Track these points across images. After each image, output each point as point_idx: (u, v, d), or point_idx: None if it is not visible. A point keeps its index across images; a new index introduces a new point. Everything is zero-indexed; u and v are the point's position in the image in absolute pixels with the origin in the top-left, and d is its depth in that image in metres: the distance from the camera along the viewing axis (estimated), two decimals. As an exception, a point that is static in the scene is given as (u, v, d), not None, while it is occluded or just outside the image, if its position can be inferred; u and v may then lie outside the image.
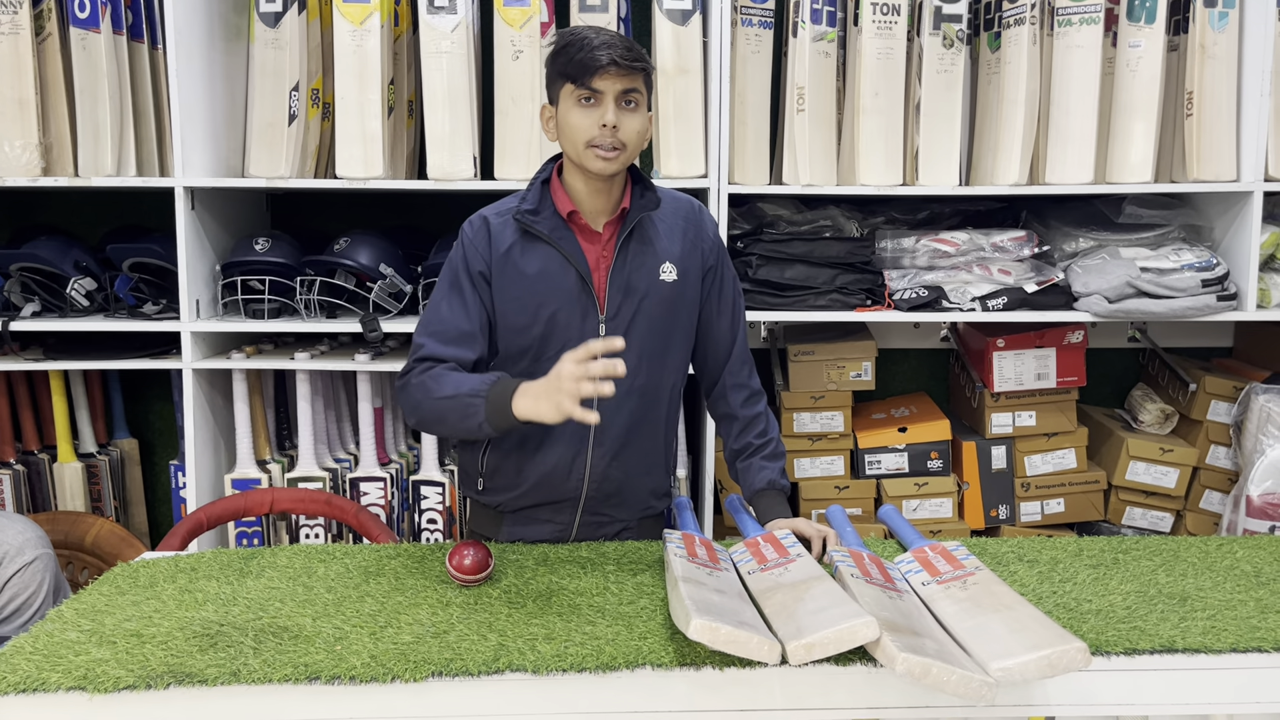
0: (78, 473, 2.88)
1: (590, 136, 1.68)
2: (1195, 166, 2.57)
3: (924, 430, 2.84)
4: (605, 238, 1.78)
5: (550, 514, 1.86)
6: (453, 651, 1.34)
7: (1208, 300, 2.54)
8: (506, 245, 1.76)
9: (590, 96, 1.68)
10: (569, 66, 1.67)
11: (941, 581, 1.50)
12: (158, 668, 1.30)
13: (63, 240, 2.73)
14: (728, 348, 1.91)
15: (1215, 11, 2.54)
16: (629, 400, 1.79)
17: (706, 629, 1.23)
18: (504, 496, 1.86)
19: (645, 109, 1.73)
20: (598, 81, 1.66)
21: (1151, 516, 2.87)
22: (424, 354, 1.74)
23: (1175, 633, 1.40)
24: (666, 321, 1.81)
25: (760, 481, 1.86)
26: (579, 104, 1.69)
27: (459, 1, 2.53)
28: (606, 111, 1.67)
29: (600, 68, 1.65)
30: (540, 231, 1.75)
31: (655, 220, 1.82)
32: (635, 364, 1.77)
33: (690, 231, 1.85)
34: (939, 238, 2.68)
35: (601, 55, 1.64)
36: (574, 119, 1.69)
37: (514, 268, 1.76)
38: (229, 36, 2.71)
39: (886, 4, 2.57)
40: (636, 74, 1.68)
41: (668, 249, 1.81)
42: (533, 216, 1.76)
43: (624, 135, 1.68)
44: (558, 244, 1.75)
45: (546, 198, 1.78)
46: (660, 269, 1.80)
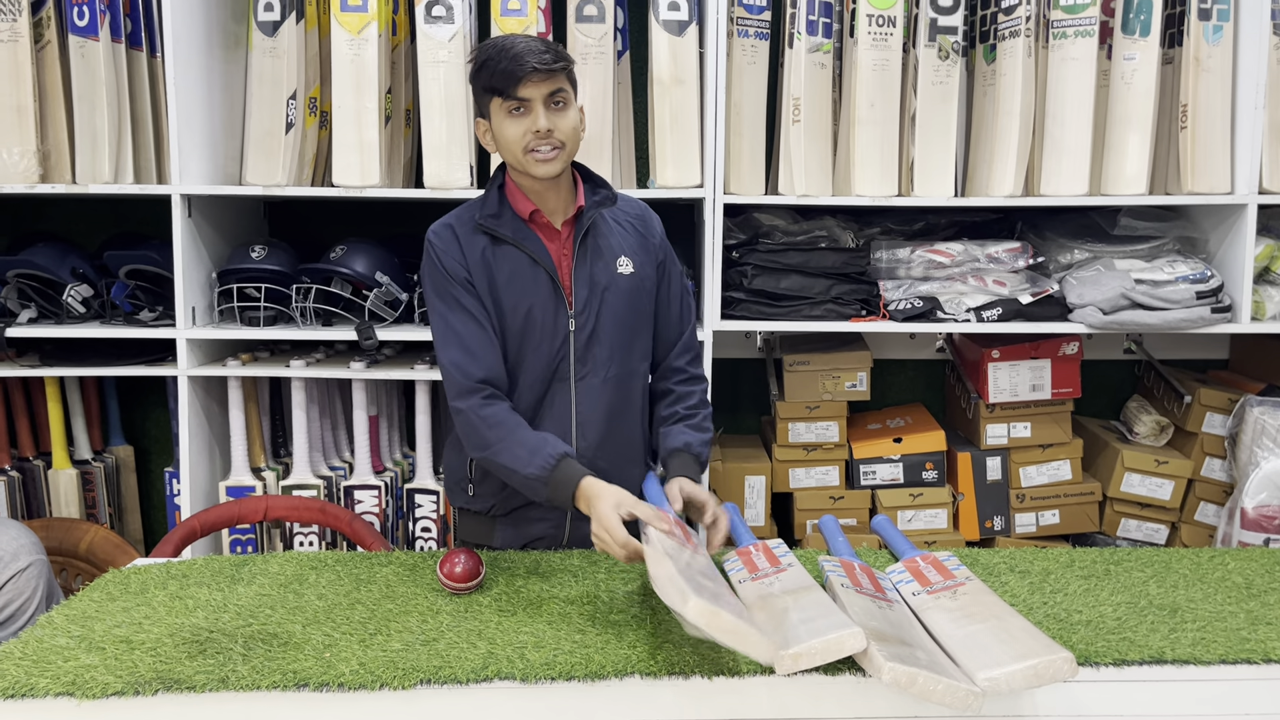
0: (72, 479, 2.88)
1: (526, 143, 1.72)
2: (1190, 179, 2.57)
3: (919, 441, 2.84)
4: (564, 236, 1.83)
5: (543, 512, 1.87)
6: (442, 659, 1.34)
7: (1202, 312, 2.54)
8: (478, 251, 1.80)
9: (519, 106, 1.71)
10: (492, 80, 1.71)
11: (932, 592, 1.50)
12: (146, 674, 1.30)
13: (60, 247, 2.73)
14: (675, 337, 1.96)
15: (1210, 25, 2.55)
16: (605, 391, 1.84)
17: (706, 611, 1.21)
18: (495, 499, 1.88)
19: (574, 103, 1.77)
20: (523, 90, 1.69)
21: (1146, 528, 2.87)
22: (466, 385, 1.74)
23: (1165, 644, 1.40)
24: (629, 311, 1.86)
25: (677, 442, 1.85)
26: (510, 115, 1.73)
27: (456, 11, 2.54)
28: (538, 118, 1.71)
29: (523, 76, 1.68)
30: (505, 235, 1.80)
31: (606, 217, 1.88)
32: (608, 355, 1.84)
33: (640, 227, 1.92)
34: (934, 249, 2.69)
35: (521, 64, 1.68)
36: (508, 131, 1.73)
37: (489, 273, 1.80)
38: (227, 45, 2.72)
39: (882, 16, 2.58)
40: (558, 74, 1.72)
41: (621, 244, 1.87)
42: (495, 221, 1.80)
43: (560, 135, 1.73)
44: (523, 245, 1.80)
45: (505, 202, 1.82)
46: (617, 262, 1.85)
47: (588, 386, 1.83)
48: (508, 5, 2.56)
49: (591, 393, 1.83)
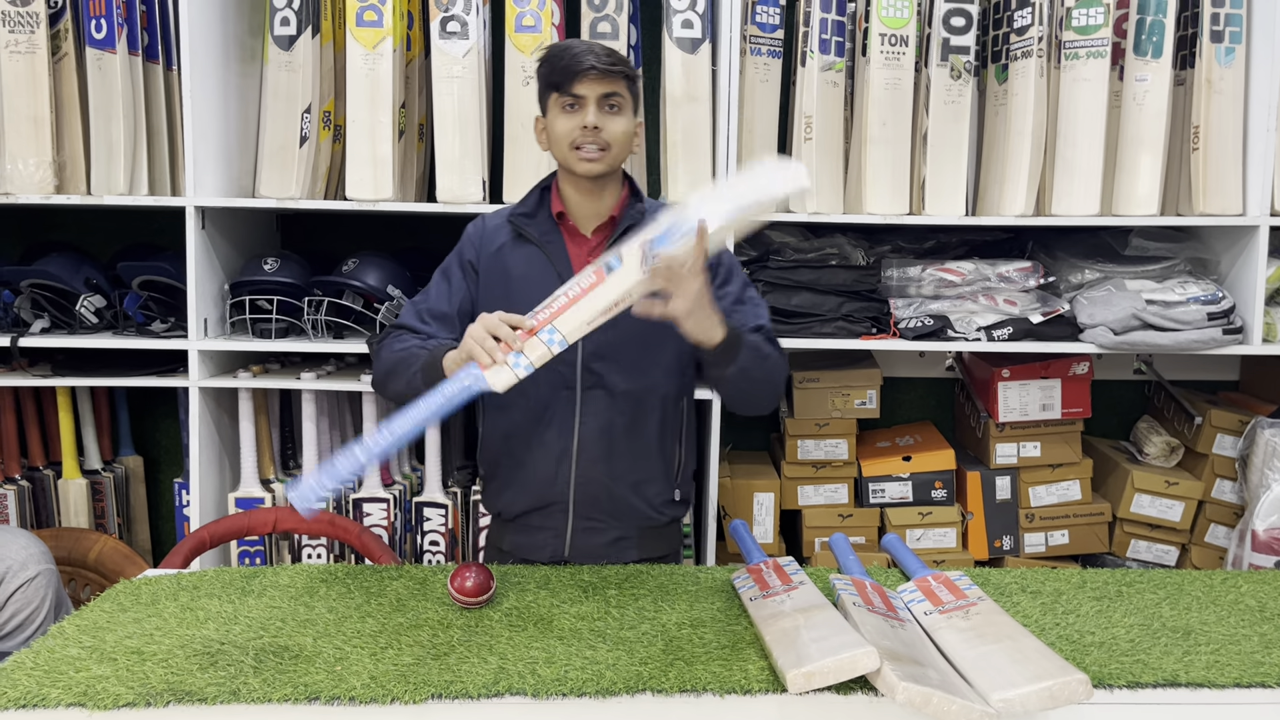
0: (82, 489, 2.88)
1: (574, 139, 1.76)
2: (1201, 200, 2.57)
3: (928, 459, 2.84)
4: (593, 243, 1.84)
5: (542, 519, 1.88)
6: (453, 674, 1.34)
7: (1213, 334, 2.54)
8: (498, 244, 1.85)
9: (573, 102, 1.75)
10: (553, 75, 1.76)
11: (944, 611, 1.49)
12: (158, 685, 1.30)
13: (73, 257, 2.75)
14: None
15: (1222, 47, 2.56)
16: (614, 405, 1.84)
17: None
18: (501, 501, 1.92)
19: (630, 113, 1.80)
20: (579, 87, 1.74)
21: (1156, 549, 2.86)
22: (399, 322, 1.87)
23: (1179, 667, 1.39)
24: (648, 329, 1.75)
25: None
26: (563, 110, 1.77)
27: (471, 27, 2.55)
28: (588, 114, 1.74)
29: (580, 72, 1.73)
30: (530, 234, 1.84)
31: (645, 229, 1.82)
32: (619, 369, 1.83)
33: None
34: (945, 267, 2.69)
35: (581, 62, 1.73)
36: (559, 124, 1.78)
37: (501, 267, 1.84)
38: (243, 58, 2.74)
39: (895, 35, 2.59)
40: (616, 78, 1.75)
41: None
42: (526, 219, 1.85)
43: (607, 136, 1.76)
44: (544, 247, 1.83)
45: (544, 202, 1.86)
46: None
47: (593, 398, 1.83)
48: (522, 22, 2.58)
49: (597, 405, 1.83)
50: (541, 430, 1.84)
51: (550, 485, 1.86)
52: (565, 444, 1.84)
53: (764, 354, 1.75)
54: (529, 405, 1.84)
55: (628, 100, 1.79)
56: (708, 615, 1.56)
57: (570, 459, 1.84)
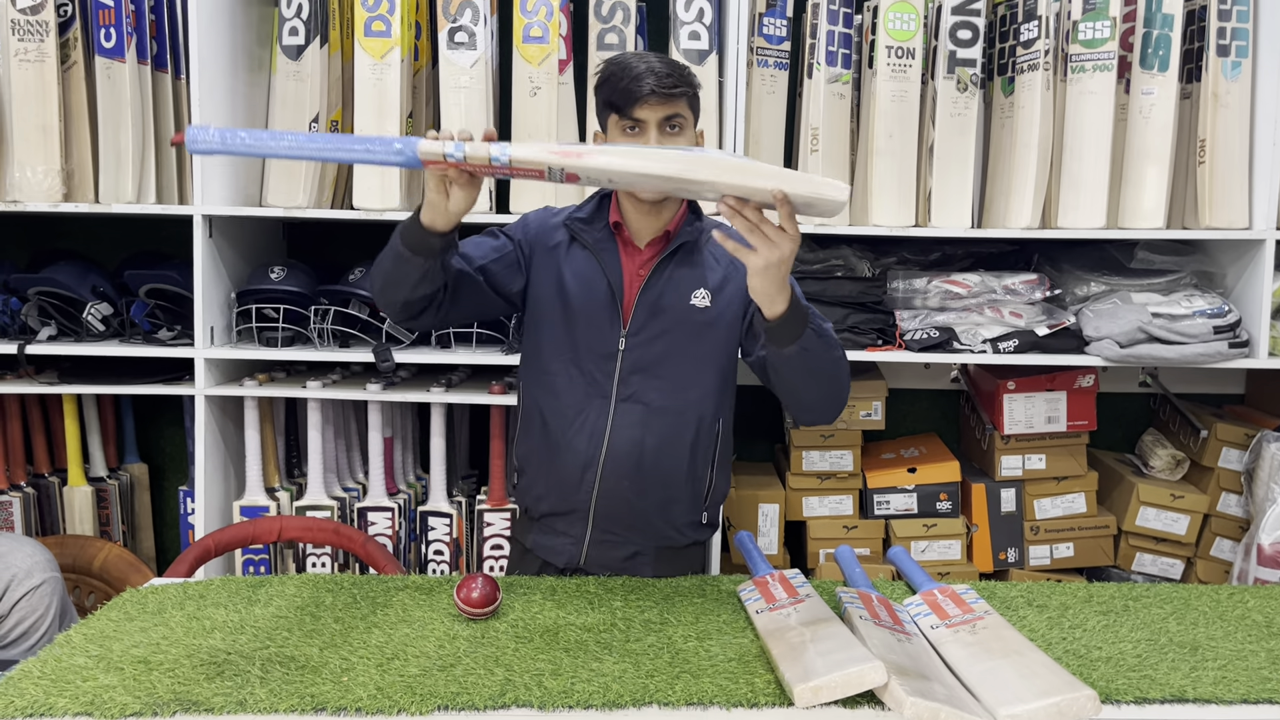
0: (87, 496, 2.89)
1: None
2: (1207, 214, 2.58)
3: (933, 471, 2.84)
4: (646, 256, 1.83)
5: (565, 525, 1.88)
6: (459, 685, 1.34)
7: (1219, 347, 2.54)
8: (555, 242, 1.85)
9: (634, 125, 1.71)
10: (613, 96, 1.71)
11: (950, 625, 1.49)
12: (164, 695, 1.30)
13: (81, 265, 2.76)
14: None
15: (1228, 61, 2.56)
16: (649, 419, 1.82)
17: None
18: (528, 498, 1.93)
19: (691, 130, 1.77)
20: (639, 111, 1.69)
21: (1162, 563, 2.85)
22: None
23: (1186, 682, 1.39)
24: (692, 346, 1.81)
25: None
26: (624, 133, 1.73)
27: (478, 38, 2.56)
28: (649, 140, 1.70)
29: (640, 98, 1.68)
30: (585, 240, 1.83)
31: (701, 247, 1.85)
32: (659, 384, 1.81)
33: (739, 264, 1.72)
34: (951, 279, 2.69)
35: (641, 85, 1.67)
36: None
37: (553, 266, 1.83)
38: (251, 68, 2.75)
39: (901, 47, 2.60)
40: (678, 99, 1.71)
41: (706, 276, 1.83)
42: (583, 224, 1.84)
43: None
44: (598, 254, 1.82)
45: (602, 210, 1.85)
46: (693, 294, 1.82)
47: (629, 409, 1.82)
48: (530, 33, 2.58)
49: (631, 416, 1.81)
50: (572, 435, 1.82)
51: (574, 491, 1.85)
52: (593, 453, 1.82)
53: (829, 341, 1.66)
54: (563, 408, 1.83)
55: (689, 118, 1.75)
56: (714, 628, 1.56)
57: (596, 469, 1.83)
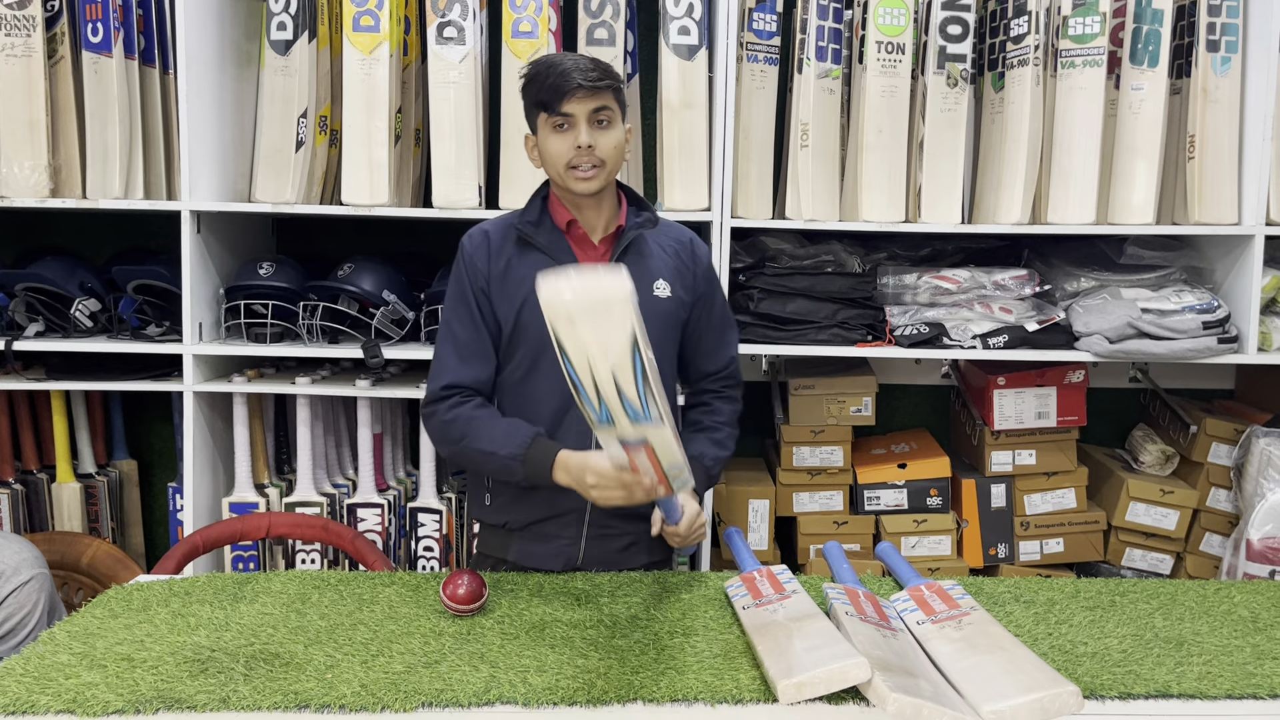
0: (76, 493, 2.88)
1: (568, 159, 1.75)
2: (1197, 209, 2.58)
3: (924, 467, 2.84)
4: (601, 252, 1.85)
5: (558, 529, 1.87)
6: (444, 682, 1.34)
7: (1208, 342, 2.54)
8: (506, 258, 1.83)
9: (563, 121, 1.75)
10: (540, 94, 1.75)
11: (937, 621, 1.49)
12: (147, 693, 1.29)
13: (68, 261, 2.74)
14: (719, 368, 1.99)
15: (1218, 56, 2.56)
16: None
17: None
18: (512, 514, 1.89)
19: (620, 123, 1.80)
20: (568, 105, 1.73)
21: (1151, 558, 2.85)
22: (448, 381, 1.81)
23: (1170, 678, 1.39)
24: (660, 336, 1.86)
25: (693, 451, 1.89)
26: (554, 130, 1.76)
27: (468, 33, 2.55)
28: (580, 134, 1.74)
29: (568, 92, 1.71)
30: (539, 243, 1.83)
31: (649, 239, 1.89)
32: None
33: (683, 255, 1.92)
34: (941, 275, 2.69)
35: (568, 80, 1.71)
36: (551, 145, 1.77)
37: (512, 279, 1.82)
38: (239, 63, 2.74)
39: (891, 43, 2.59)
40: (604, 92, 1.75)
41: (660, 267, 1.88)
42: (532, 228, 1.84)
43: (600, 153, 1.75)
44: (554, 256, 1.82)
45: (545, 211, 1.86)
46: (654, 285, 1.86)
47: None
48: (519, 28, 2.58)
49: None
50: (560, 438, 1.81)
51: (567, 493, 1.84)
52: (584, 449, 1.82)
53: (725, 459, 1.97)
54: (549, 413, 1.83)
55: (617, 111, 1.79)
56: (700, 624, 1.56)
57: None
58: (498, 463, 1.73)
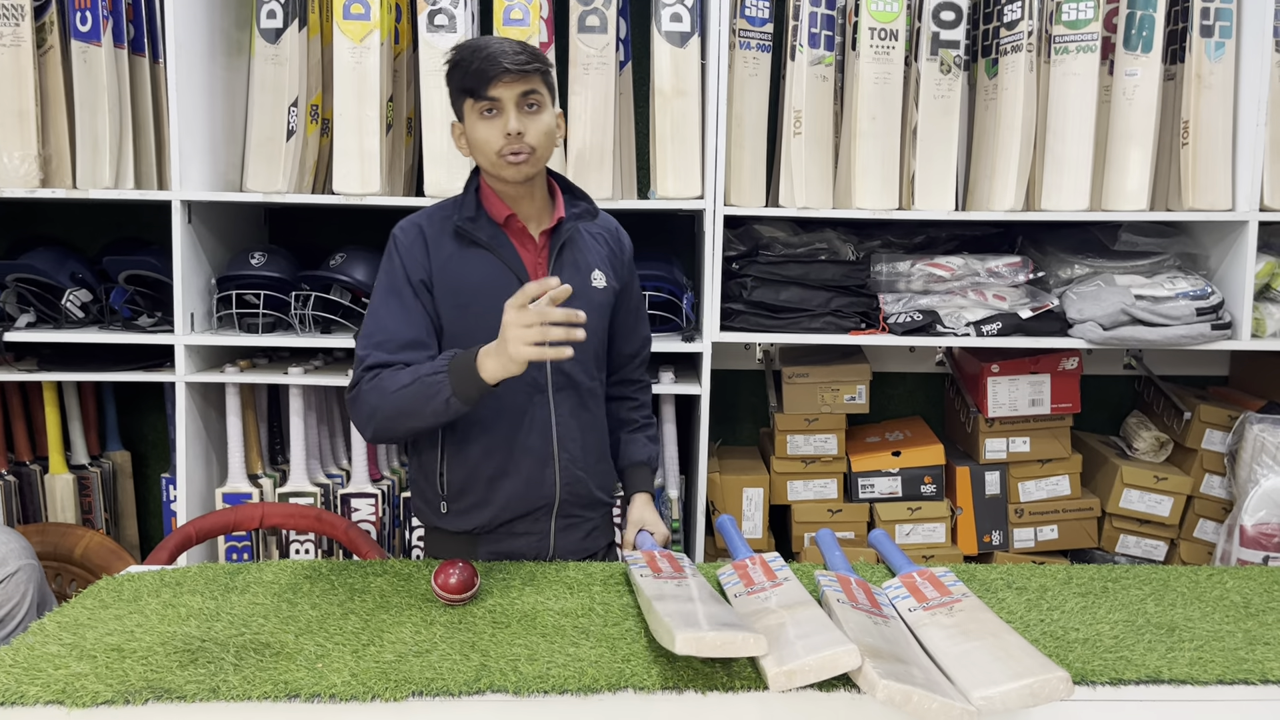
0: (69, 484, 2.87)
1: (498, 147, 1.71)
2: (1191, 195, 2.57)
3: (918, 454, 2.84)
4: (540, 245, 1.83)
5: (527, 526, 1.86)
6: (434, 671, 1.33)
7: (1202, 329, 2.54)
8: (446, 254, 1.79)
9: (491, 107, 1.71)
10: (465, 80, 1.70)
11: (928, 608, 1.49)
12: (137, 683, 1.29)
13: (59, 252, 2.73)
14: (637, 350, 2.05)
15: (1212, 42, 2.55)
16: (581, 403, 1.87)
17: (692, 641, 1.23)
18: (478, 519, 1.85)
19: (550, 107, 1.76)
20: (494, 90, 1.69)
21: (1145, 545, 2.86)
22: (371, 362, 1.73)
23: (1162, 663, 1.39)
24: (599, 325, 1.89)
25: (641, 455, 2.04)
26: (482, 116, 1.72)
27: (459, 20, 2.54)
28: (509, 119, 1.70)
29: (494, 77, 1.67)
30: (479, 238, 1.79)
31: (582, 230, 1.89)
32: (582, 369, 1.86)
33: (612, 243, 1.95)
34: (934, 262, 2.68)
35: (493, 64, 1.67)
36: (480, 132, 1.73)
37: (455, 276, 1.78)
38: (230, 51, 2.72)
39: (884, 29, 2.58)
40: (532, 75, 1.71)
41: (595, 258, 1.89)
42: (471, 224, 1.79)
43: (531, 139, 1.72)
44: (497, 251, 1.79)
45: (481, 205, 1.82)
46: (592, 276, 1.87)
47: (565, 398, 1.84)
48: (510, 15, 2.56)
49: (569, 404, 1.85)
50: (523, 437, 1.81)
51: (537, 490, 1.84)
52: (548, 448, 1.83)
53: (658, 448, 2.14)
54: (508, 415, 1.82)
55: (546, 95, 1.75)
56: (692, 612, 1.55)
57: (554, 461, 1.84)
58: (420, 389, 1.63)
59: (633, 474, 2.03)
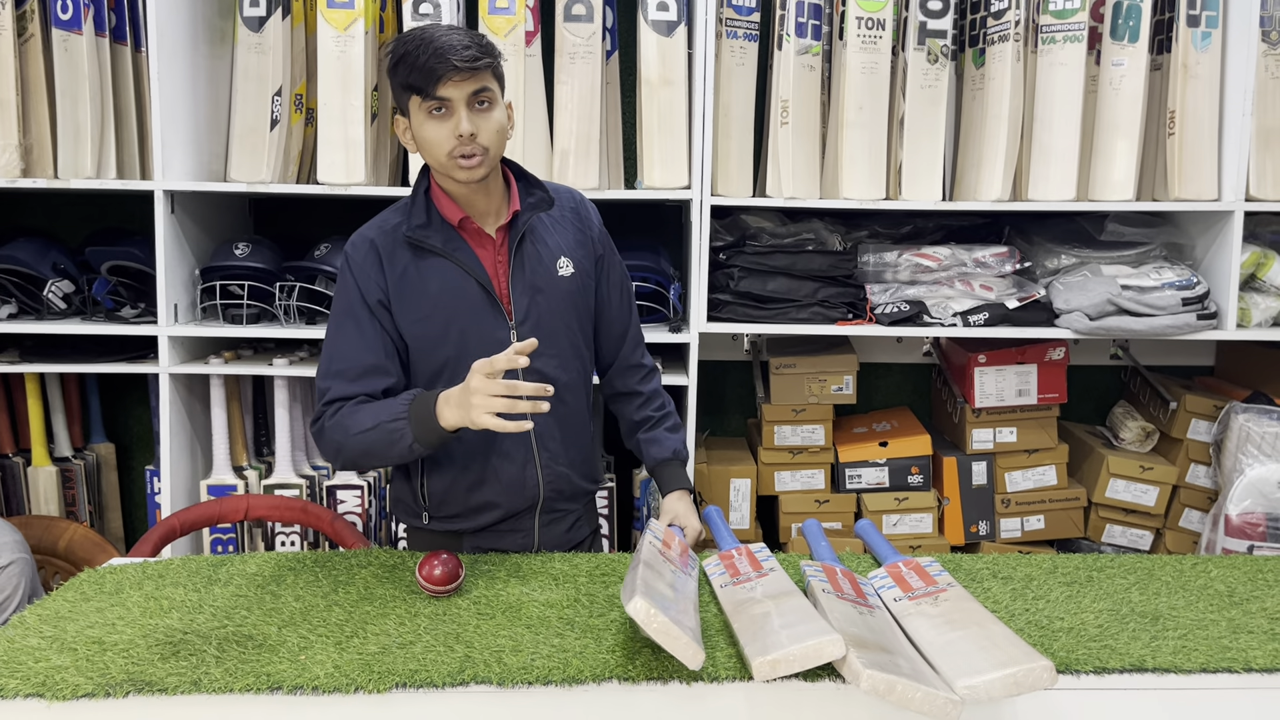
0: (52, 477, 2.85)
1: (449, 148, 1.62)
2: (1177, 185, 2.57)
3: (905, 445, 2.84)
4: (499, 242, 1.76)
5: (512, 525, 1.85)
6: (418, 663, 1.33)
7: (1188, 319, 2.54)
8: (401, 267, 1.72)
9: (440, 106, 1.61)
10: (410, 77, 1.60)
11: (914, 598, 1.49)
12: (117, 675, 1.28)
13: (41, 242, 2.71)
14: (623, 329, 1.95)
15: (1198, 32, 2.55)
16: (557, 398, 1.78)
17: (643, 610, 1.23)
18: (462, 523, 1.85)
19: (500, 102, 1.67)
20: (443, 90, 1.59)
21: (1131, 534, 2.87)
22: (331, 397, 1.70)
23: (1146, 652, 1.39)
24: (572, 315, 1.82)
25: (665, 452, 1.94)
26: (430, 115, 1.62)
27: (444, 9, 2.52)
28: (460, 121, 1.61)
29: (442, 76, 1.58)
30: (434, 246, 1.71)
31: (543, 217, 1.80)
32: (557, 363, 1.81)
33: (577, 222, 1.85)
34: (921, 252, 2.68)
35: (442, 61, 1.57)
36: (429, 133, 1.63)
37: (413, 289, 1.72)
38: (212, 40, 2.70)
39: (871, 18, 2.57)
40: (483, 72, 1.61)
41: (560, 244, 1.81)
42: (424, 232, 1.71)
43: (483, 139, 1.63)
44: (453, 256, 1.72)
45: (432, 208, 1.74)
46: (557, 264, 1.79)
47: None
48: (496, 4, 2.55)
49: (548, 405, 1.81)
50: (501, 444, 1.79)
51: (519, 491, 1.82)
52: (526, 451, 1.81)
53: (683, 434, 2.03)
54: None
55: (497, 90, 1.65)
56: (678, 602, 1.55)
57: (534, 460, 1.82)
58: (382, 435, 1.61)
59: (661, 473, 1.94)
